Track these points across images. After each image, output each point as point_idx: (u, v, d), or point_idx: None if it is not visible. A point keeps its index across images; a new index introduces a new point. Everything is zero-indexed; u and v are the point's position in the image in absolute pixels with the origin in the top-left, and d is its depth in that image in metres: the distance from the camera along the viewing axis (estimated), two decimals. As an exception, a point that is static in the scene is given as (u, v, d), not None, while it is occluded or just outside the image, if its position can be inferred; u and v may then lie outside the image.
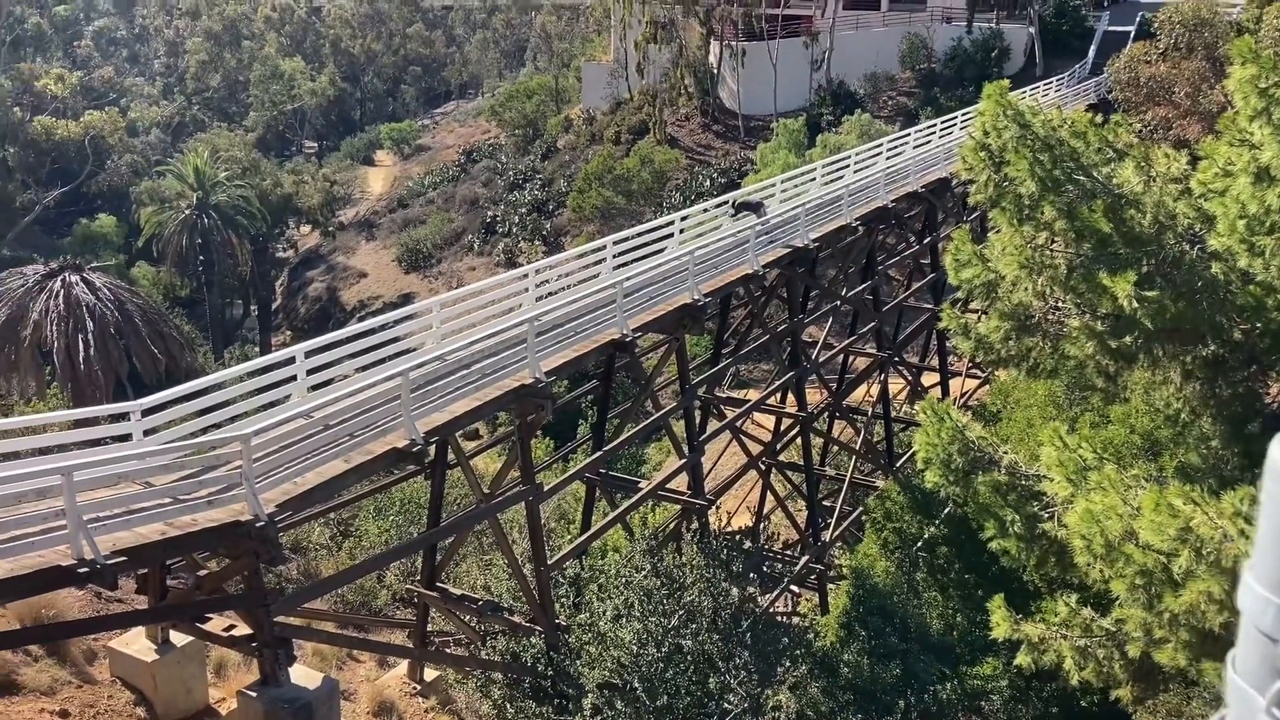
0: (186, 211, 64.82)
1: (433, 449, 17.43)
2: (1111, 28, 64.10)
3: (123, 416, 15.04)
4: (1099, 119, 12.04)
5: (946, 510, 24.73)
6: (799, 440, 29.10)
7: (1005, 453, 12.58)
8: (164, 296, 64.96)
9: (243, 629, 15.60)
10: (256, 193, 69.83)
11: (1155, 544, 9.56)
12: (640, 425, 25.33)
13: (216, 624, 16.20)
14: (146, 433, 14.91)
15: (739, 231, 26.16)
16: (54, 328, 35.60)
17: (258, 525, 13.61)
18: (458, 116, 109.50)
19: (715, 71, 70.74)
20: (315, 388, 17.04)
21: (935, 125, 37.78)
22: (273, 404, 16.44)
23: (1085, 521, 10.26)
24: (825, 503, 31.33)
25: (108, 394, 35.00)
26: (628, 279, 21.82)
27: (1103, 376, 12.70)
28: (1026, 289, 11.74)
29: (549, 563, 19.71)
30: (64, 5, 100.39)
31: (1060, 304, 12.04)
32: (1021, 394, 25.32)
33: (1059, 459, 11.22)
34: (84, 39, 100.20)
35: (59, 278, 37.17)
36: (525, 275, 22.15)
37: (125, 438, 14.91)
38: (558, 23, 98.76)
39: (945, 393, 34.19)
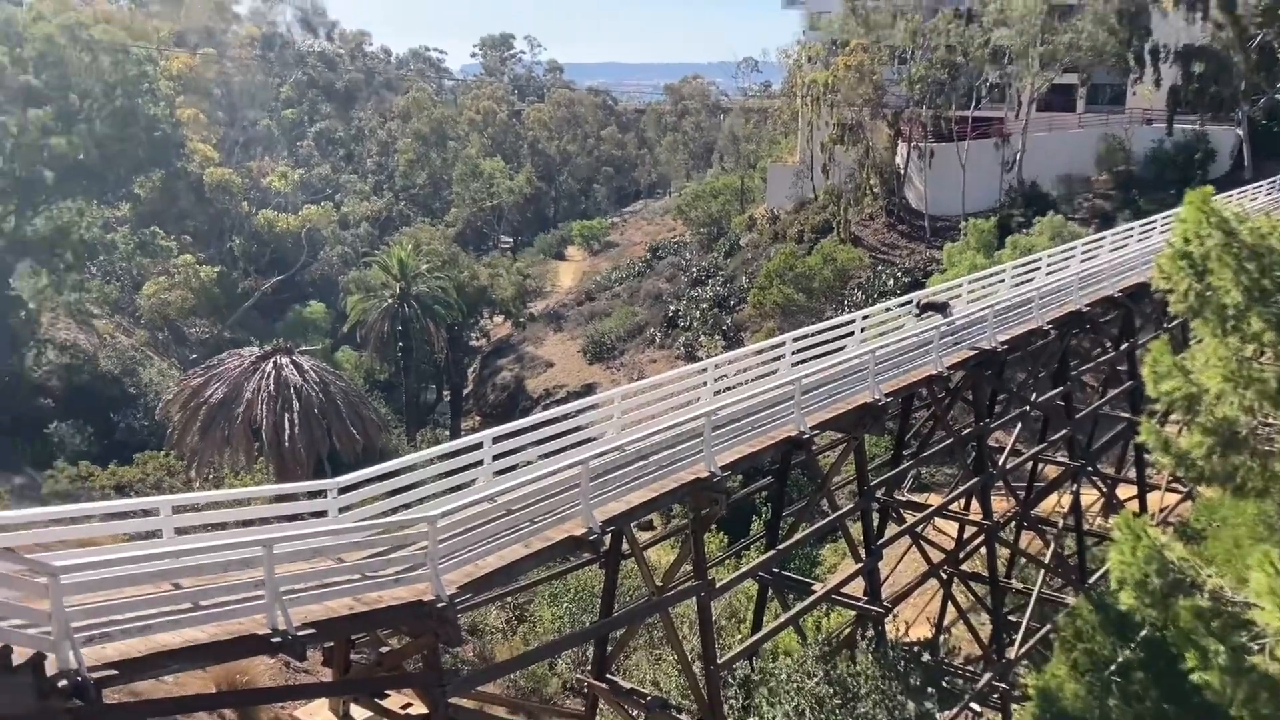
0: (389, 300, 68.60)
1: (608, 539, 17.65)
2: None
3: (321, 494, 15.94)
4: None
5: (1144, 633, 23.17)
6: (983, 550, 28.05)
7: (1209, 576, 11.80)
8: (364, 379, 68.64)
9: (419, 708, 15.97)
10: (454, 284, 73.33)
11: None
12: (816, 525, 24.97)
13: (396, 701, 16.65)
14: (342, 510, 15.79)
15: (923, 331, 25.76)
16: (264, 406, 38.09)
17: (439, 605, 14.05)
18: (646, 215, 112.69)
19: (902, 172, 70.44)
20: (500, 473, 17.63)
21: (1133, 229, 36.61)
22: (460, 487, 17.07)
23: (1300, 656, 9.51)
24: (1010, 617, 29.88)
25: (309, 470, 37.08)
26: (806, 376, 21.76)
27: (1320, 498, 11.84)
28: (1232, 403, 11.12)
29: (719, 662, 19.49)
30: (291, 110, 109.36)
31: (1270, 420, 11.33)
32: (1228, 512, 23.68)
33: (1270, 586, 10.45)
34: (306, 139, 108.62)
35: (271, 360, 39.83)
36: (704, 370, 22.33)
37: (322, 514, 15.82)
38: (745, 125, 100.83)
39: (1143, 507, 32.45)
